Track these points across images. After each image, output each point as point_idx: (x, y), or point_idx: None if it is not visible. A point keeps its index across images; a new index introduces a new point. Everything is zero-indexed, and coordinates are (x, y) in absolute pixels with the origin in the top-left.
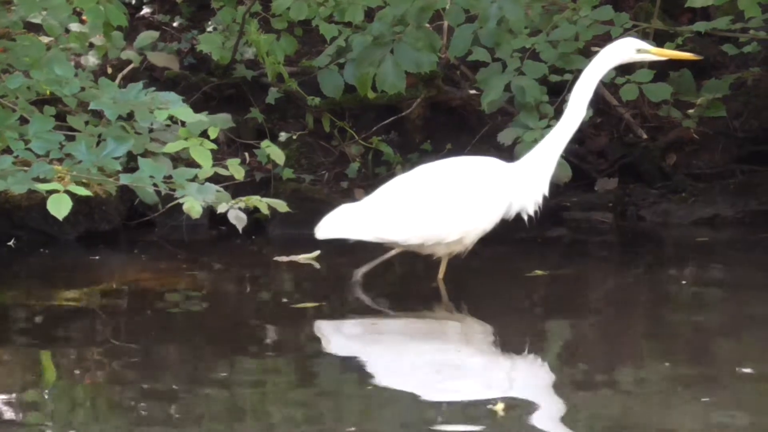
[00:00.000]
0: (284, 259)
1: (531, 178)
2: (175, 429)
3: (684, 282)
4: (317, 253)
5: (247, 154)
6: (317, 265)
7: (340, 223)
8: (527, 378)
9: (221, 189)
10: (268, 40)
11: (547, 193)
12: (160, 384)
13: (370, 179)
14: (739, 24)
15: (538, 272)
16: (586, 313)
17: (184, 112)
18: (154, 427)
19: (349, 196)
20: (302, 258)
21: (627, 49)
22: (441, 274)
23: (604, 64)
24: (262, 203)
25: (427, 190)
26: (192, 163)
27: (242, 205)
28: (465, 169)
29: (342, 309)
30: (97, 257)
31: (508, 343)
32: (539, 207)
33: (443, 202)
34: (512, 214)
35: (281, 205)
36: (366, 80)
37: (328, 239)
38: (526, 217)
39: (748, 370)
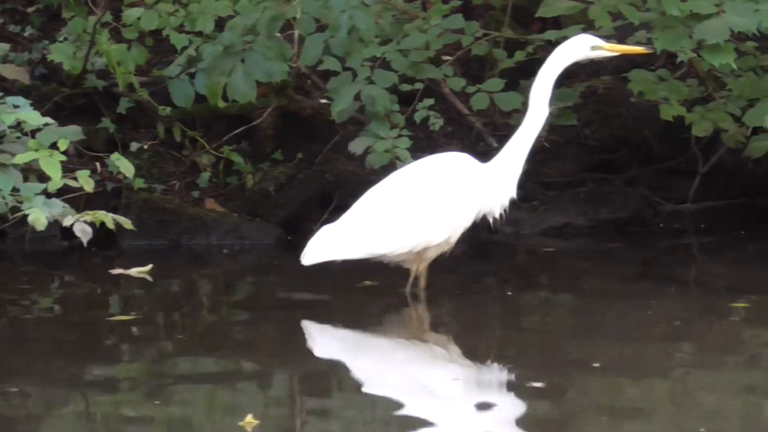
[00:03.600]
0: (117, 271)
1: (500, 179)
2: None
3: (515, 292)
4: (150, 266)
5: (98, 163)
6: (150, 279)
7: (325, 246)
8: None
9: (66, 205)
10: (119, 50)
11: (515, 196)
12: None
13: (221, 189)
14: (590, 33)
15: (367, 283)
16: (426, 325)
17: (31, 116)
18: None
19: (200, 205)
20: (134, 271)
21: (582, 47)
22: (423, 284)
23: (559, 63)
24: (108, 218)
25: (407, 195)
26: (43, 174)
27: (89, 219)
28: (441, 167)
29: (162, 321)
30: None
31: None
32: (505, 210)
33: (428, 204)
34: (479, 216)
35: (127, 223)
36: (216, 90)
37: (316, 264)
38: (491, 220)
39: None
